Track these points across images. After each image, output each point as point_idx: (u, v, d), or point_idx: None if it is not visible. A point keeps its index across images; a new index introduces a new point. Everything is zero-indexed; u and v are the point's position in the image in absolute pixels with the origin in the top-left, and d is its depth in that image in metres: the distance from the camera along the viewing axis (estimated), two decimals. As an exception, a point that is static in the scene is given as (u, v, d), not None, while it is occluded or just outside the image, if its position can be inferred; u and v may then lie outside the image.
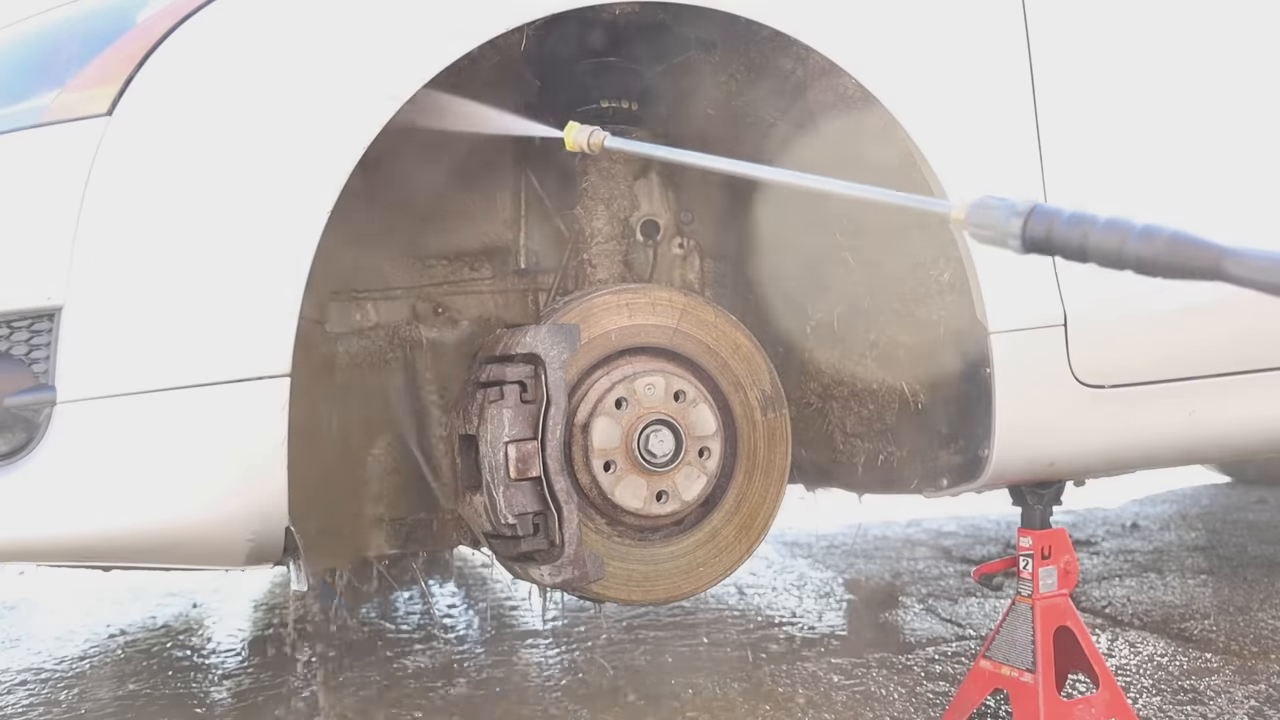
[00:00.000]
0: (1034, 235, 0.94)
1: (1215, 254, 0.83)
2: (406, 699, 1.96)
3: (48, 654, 2.40)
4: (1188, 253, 0.85)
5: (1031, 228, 0.94)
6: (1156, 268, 0.87)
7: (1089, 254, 0.91)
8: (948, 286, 1.63)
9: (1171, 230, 0.86)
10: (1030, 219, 0.94)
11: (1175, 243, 0.86)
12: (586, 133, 1.43)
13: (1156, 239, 0.86)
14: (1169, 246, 0.86)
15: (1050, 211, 0.93)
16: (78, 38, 1.35)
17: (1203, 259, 0.84)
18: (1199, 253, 0.84)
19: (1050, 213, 0.93)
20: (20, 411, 1.23)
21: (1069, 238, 0.92)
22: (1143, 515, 3.78)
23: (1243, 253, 0.82)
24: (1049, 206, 0.94)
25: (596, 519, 1.58)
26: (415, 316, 1.77)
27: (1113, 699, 1.64)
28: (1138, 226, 0.88)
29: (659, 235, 1.92)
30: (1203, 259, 0.84)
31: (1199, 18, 1.73)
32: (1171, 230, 0.86)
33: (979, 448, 1.62)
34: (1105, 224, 0.90)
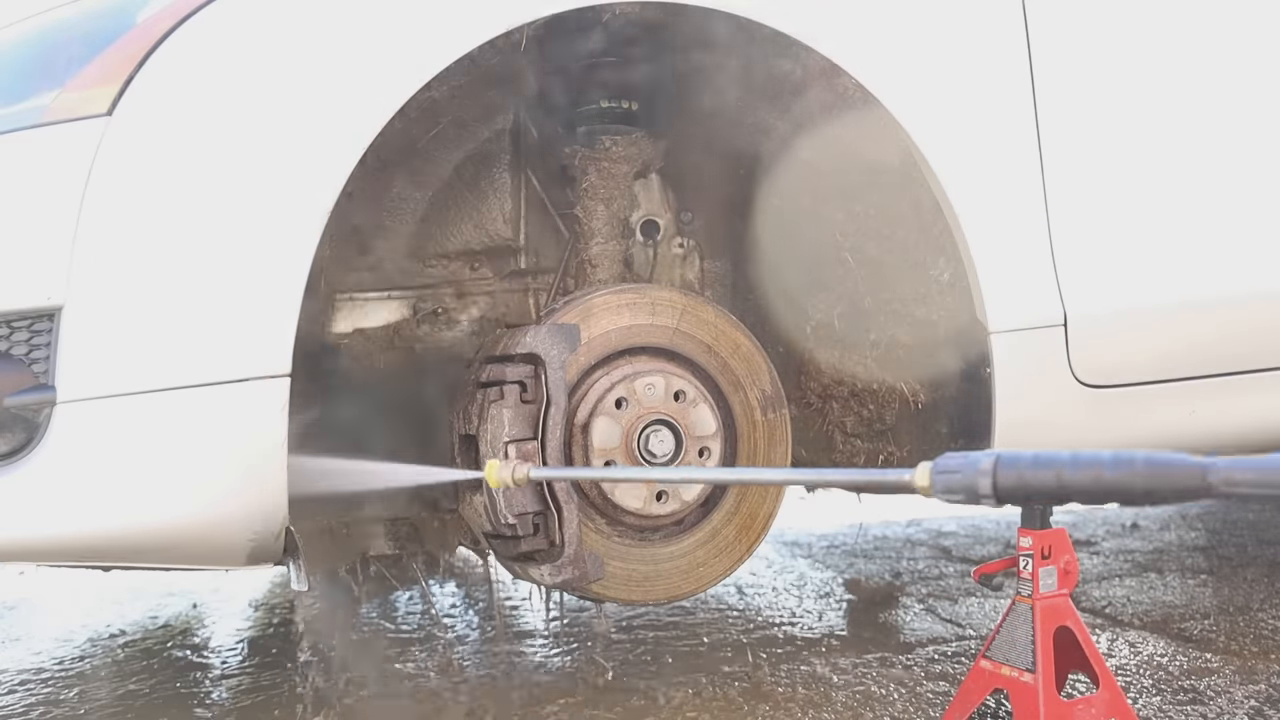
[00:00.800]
0: (1006, 486, 0.90)
1: (1199, 472, 0.80)
2: (406, 699, 1.95)
3: (48, 654, 2.39)
4: (1170, 476, 0.82)
5: (1002, 479, 0.90)
6: (1143, 496, 0.83)
7: (1070, 493, 0.87)
8: (948, 286, 1.63)
9: (1144, 456, 0.83)
10: (998, 471, 0.90)
11: (1152, 467, 0.82)
12: (509, 468, 1.34)
13: (1131, 466, 0.83)
14: (1148, 472, 0.82)
15: (1013, 458, 0.89)
16: (78, 38, 1.35)
17: (1188, 479, 0.81)
18: (1182, 474, 0.81)
19: (1014, 459, 0.89)
20: (20, 411, 1.23)
21: (1043, 481, 0.88)
22: (1143, 515, 3.78)
23: (1226, 466, 0.78)
24: (1010, 454, 0.90)
25: (596, 519, 1.58)
26: (415, 316, 1.77)
27: (1113, 699, 1.64)
28: (1106, 457, 0.84)
29: (659, 235, 1.92)
30: (1188, 479, 0.81)
31: (1199, 17, 1.73)
32: (1144, 456, 0.83)
33: (979, 447, 1.62)
34: (1071, 460, 0.86)
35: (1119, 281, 1.65)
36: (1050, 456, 0.87)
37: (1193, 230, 1.68)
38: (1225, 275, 1.70)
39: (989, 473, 0.90)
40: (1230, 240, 1.70)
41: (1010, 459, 0.89)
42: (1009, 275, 1.57)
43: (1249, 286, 1.71)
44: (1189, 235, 1.67)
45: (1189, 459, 0.80)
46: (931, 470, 0.93)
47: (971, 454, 0.92)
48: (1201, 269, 1.69)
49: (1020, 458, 0.89)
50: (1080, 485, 0.85)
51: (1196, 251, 1.68)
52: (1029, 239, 1.59)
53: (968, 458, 0.92)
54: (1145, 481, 0.82)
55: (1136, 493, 0.83)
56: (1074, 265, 1.60)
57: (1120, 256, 1.64)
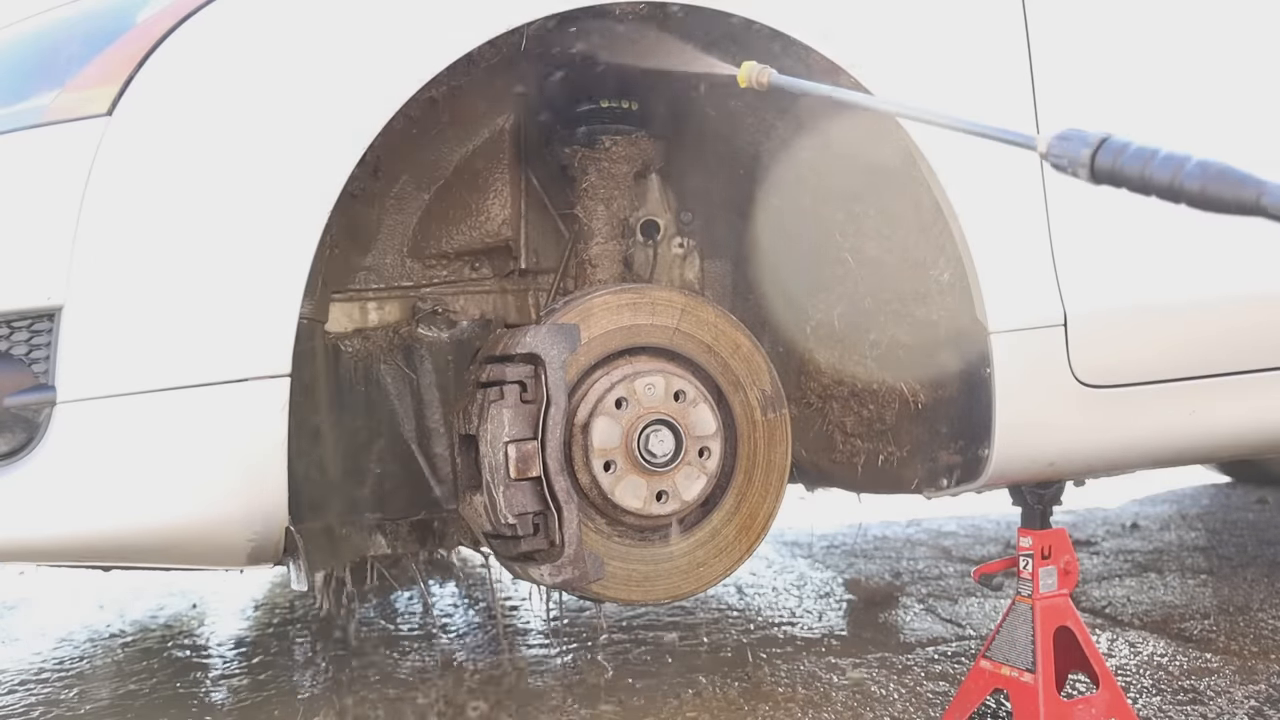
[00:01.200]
0: (1102, 166, 0.99)
1: (1256, 190, 0.88)
2: (406, 699, 1.96)
3: (48, 654, 2.40)
4: (1231, 187, 0.90)
5: (1100, 159, 0.99)
6: (1205, 201, 0.91)
7: (1149, 186, 0.96)
8: (948, 286, 1.63)
9: (1220, 165, 0.91)
10: (1100, 150, 1.00)
11: (1222, 176, 0.90)
12: (757, 70, 1.42)
13: (1205, 173, 0.92)
14: (1215, 180, 0.91)
15: (1119, 145, 0.99)
16: (78, 38, 1.35)
17: (1244, 194, 0.89)
18: (1241, 188, 0.89)
19: (1118, 146, 0.99)
20: (20, 411, 1.23)
21: (1131, 170, 0.97)
22: (1143, 515, 3.78)
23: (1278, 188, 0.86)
24: (1119, 140, 0.99)
25: (596, 519, 1.58)
26: (415, 316, 1.77)
27: (1113, 699, 1.64)
28: (1191, 160, 0.93)
29: (659, 235, 1.92)
30: (1244, 194, 0.89)
31: (1199, 15, 1.73)
32: (1220, 165, 0.91)
33: (979, 448, 1.62)
34: (1163, 158, 0.95)
35: (1119, 281, 1.64)
36: (1146, 149, 0.97)
37: (1193, 230, 1.68)
38: (1226, 275, 1.70)
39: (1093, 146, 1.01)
40: (1231, 240, 1.70)
41: (1116, 144, 1.00)
42: (1009, 275, 1.57)
43: (1249, 287, 1.71)
44: (1189, 235, 1.67)
45: (1256, 177, 0.89)
46: (1052, 137, 1.04)
47: (1086, 132, 1.02)
48: (1202, 269, 1.69)
49: (1126, 145, 0.99)
50: (1159, 181, 0.95)
51: (1197, 251, 1.68)
52: (1029, 239, 1.59)
53: (1083, 132, 1.02)
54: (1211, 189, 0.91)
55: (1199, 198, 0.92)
56: (1074, 265, 1.60)
57: (1120, 256, 1.64)
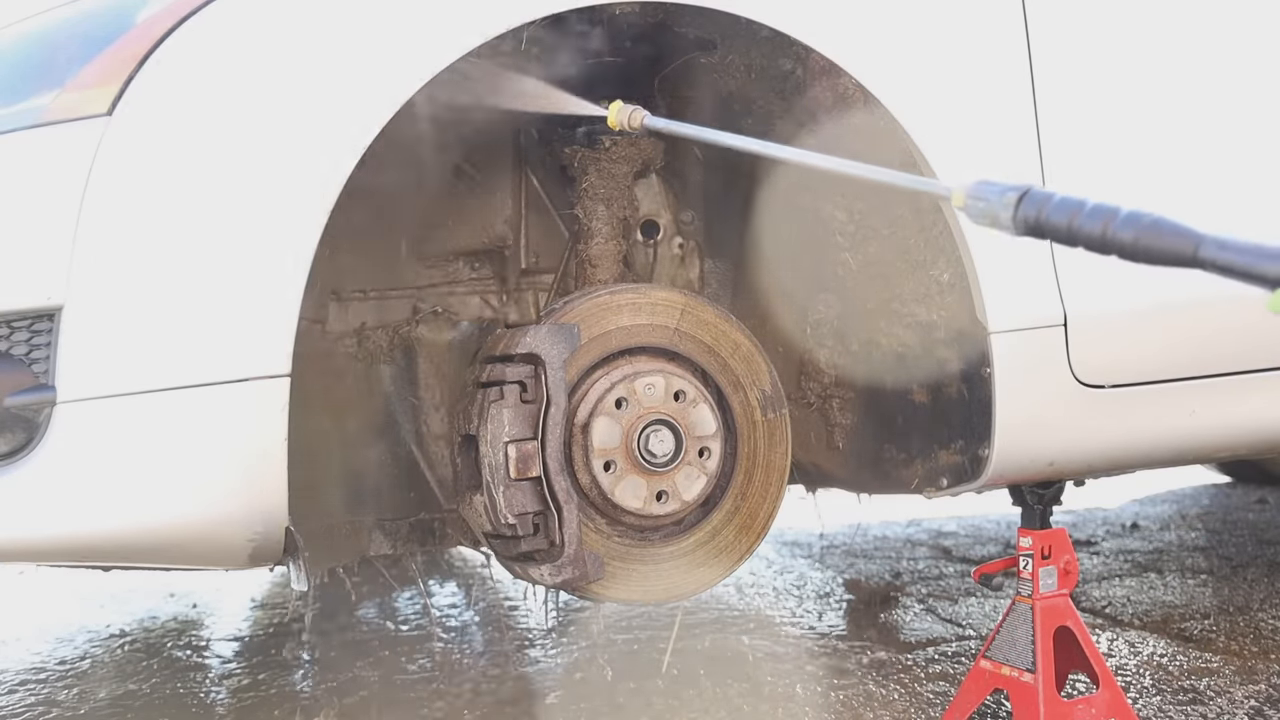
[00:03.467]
0: (1025, 218, 0.95)
1: (1193, 241, 0.84)
2: (406, 699, 1.96)
3: (48, 654, 2.40)
4: (1166, 239, 0.86)
5: (1024, 210, 0.95)
6: (1137, 253, 0.88)
7: (1076, 238, 0.92)
8: (948, 286, 1.63)
9: (1153, 217, 0.87)
10: (1023, 202, 0.95)
11: (1155, 228, 0.87)
12: (628, 111, 1.43)
13: (1137, 225, 0.87)
14: (1148, 233, 0.87)
15: (1042, 196, 0.95)
16: (78, 38, 1.35)
17: (1181, 246, 0.85)
18: (1177, 240, 0.85)
19: (1042, 197, 0.95)
20: (20, 411, 1.23)
21: (1057, 222, 0.93)
22: (1143, 515, 3.78)
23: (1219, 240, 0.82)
24: (1041, 191, 0.95)
25: (596, 519, 1.58)
26: (415, 316, 1.77)
27: (1113, 699, 1.64)
28: (1121, 212, 0.89)
29: (659, 235, 1.92)
30: (1181, 246, 0.85)
31: (1199, 16, 1.73)
32: (1153, 217, 0.87)
33: (979, 448, 1.62)
34: (1091, 209, 0.91)
35: (1119, 281, 1.64)
36: (1072, 200, 0.93)
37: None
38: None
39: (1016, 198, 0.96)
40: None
41: (1039, 195, 0.95)
42: (1009, 275, 1.57)
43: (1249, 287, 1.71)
44: (1189, 235, 1.67)
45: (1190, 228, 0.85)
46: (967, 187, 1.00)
47: (1005, 184, 0.98)
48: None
49: (1049, 196, 0.94)
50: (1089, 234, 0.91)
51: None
52: (1028, 239, 1.58)
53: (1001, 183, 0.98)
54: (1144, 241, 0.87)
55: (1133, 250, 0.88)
56: (1074, 265, 1.60)
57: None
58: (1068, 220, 0.92)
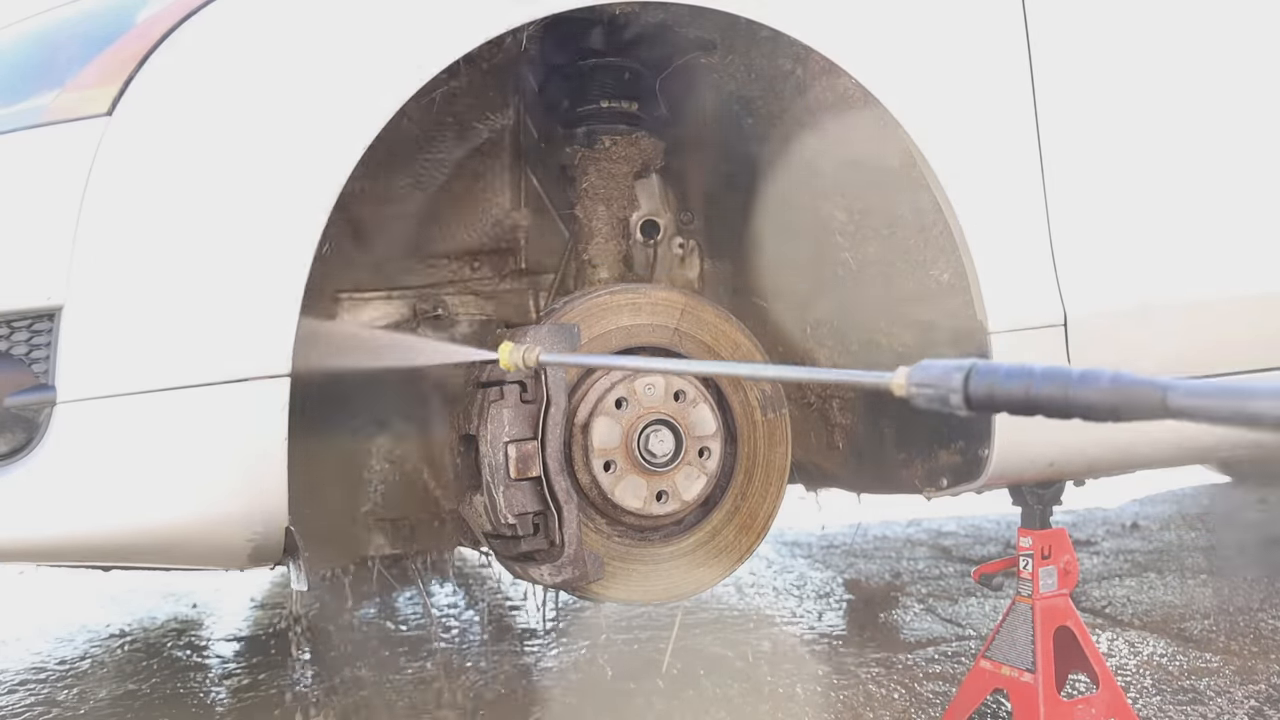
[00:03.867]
0: (976, 393, 0.91)
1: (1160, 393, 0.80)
2: (405, 699, 1.96)
3: (48, 654, 2.40)
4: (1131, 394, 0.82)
5: (973, 386, 0.91)
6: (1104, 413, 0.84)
7: (1036, 406, 0.88)
8: (948, 286, 1.63)
9: (1109, 375, 0.84)
10: (970, 378, 0.91)
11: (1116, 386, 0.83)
12: (520, 351, 1.38)
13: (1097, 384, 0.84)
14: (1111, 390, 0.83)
15: (989, 369, 0.91)
16: (78, 38, 1.35)
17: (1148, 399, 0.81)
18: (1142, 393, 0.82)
19: (989, 370, 0.91)
20: (20, 411, 1.23)
21: (1012, 392, 0.89)
22: (1143, 515, 3.78)
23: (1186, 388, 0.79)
24: (987, 364, 0.91)
25: (596, 519, 1.58)
26: (415, 316, 1.77)
27: (1113, 699, 1.64)
28: (1074, 374, 0.85)
29: (659, 235, 1.92)
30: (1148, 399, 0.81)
31: (1199, 17, 1.73)
32: (1109, 375, 0.84)
33: (979, 448, 1.62)
34: (1043, 374, 0.87)
35: (1119, 282, 1.64)
36: (1022, 369, 0.89)
37: (1193, 230, 1.68)
38: (1226, 276, 1.70)
39: (960, 384, 0.92)
40: (1231, 241, 1.70)
41: (985, 369, 0.91)
42: (1009, 275, 1.57)
43: (1249, 287, 1.71)
44: (1190, 235, 1.67)
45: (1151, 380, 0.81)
46: (910, 371, 0.96)
47: (949, 362, 0.94)
48: (1202, 269, 1.69)
49: (995, 369, 0.90)
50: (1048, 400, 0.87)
51: (1197, 252, 1.68)
52: (1029, 239, 1.59)
53: (945, 362, 0.94)
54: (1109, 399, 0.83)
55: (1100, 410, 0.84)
56: (1074, 265, 1.60)
57: (1120, 257, 1.64)
58: (1023, 389, 0.88)
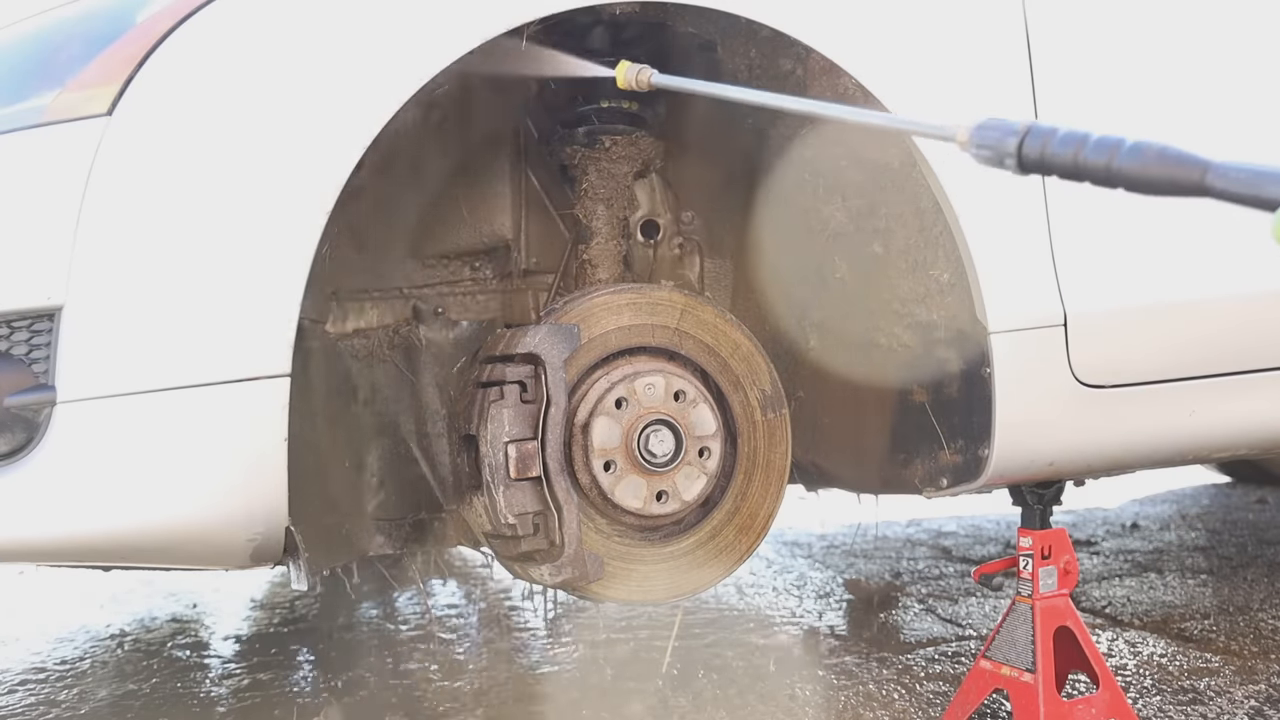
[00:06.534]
0: (1029, 155, 0.95)
1: (1200, 169, 0.83)
2: (406, 699, 1.96)
3: (48, 654, 2.40)
4: (1173, 168, 0.85)
5: (1027, 147, 0.95)
6: (1144, 184, 0.87)
7: (1081, 171, 0.91)
8: (948, 286, 1.63)
9: (1159, 146, 0.86)
10: (1026, 138, 0.95)
11: (1162, 158, 0.86)
12: (635, 71, 1.45)
13: (1144, 154, 0.87)
14: (1155, 162, 0.86)
15: (1045, 130, 0.94)
16: (78, 38, 1.35)
17: (1188, 174, 0.84)
18: (1184, 168, 0.84)
19: (1045, 132, 0.94)
20: (20, 411, 1.23)
21: (1062, 156, 0.92)
22: (1143, 515, 3.78)
23: (1226, 166, 0.81)
24: (1045, 125, 0.95)
25: (596, 519, 1.58)
26: (415, 316, 1.77)
27: (1113, 699, 1.64)
28: (1127, 143, 0.88)
29: (659, 235, 1.92)
30: (1188, 174, 0.84)
31: (1198, 18, 1.73)
32: (1159, 146, 0.86)
33: (979, 448, 1.62)
34: (1096, 142, 0.90)
35: (1119, 281, 1.64)
36: (1076, 133, 0.92)
37: (1194, 230, 1.68)
38: (1226, 275, 1.70)
39: (1019, 135, 0.95)
40: (1231, 240, 1.70)
41: (1042, 129, 0.94)
42: (1009, 275, 1.57)
43: (1250, 286, 1.71)
44: (1190, 235, 1.67)
45: (1198, 156, 0.83)
46: (972, 127, 0.99)
47: (1009, 122, 0.97)
48: (1202, 268, 1.69)
49: (1052, 131, 0.93)
50: (1094, 166, 0.90)
51: (1197, 251, 1.68)
52: (1029, 239, 1.59)
53: (1005, 120, 0.97)
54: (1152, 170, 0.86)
55: (1140, 181, 0.87)
56: (1074, 265, 1.60)
57: (1120, 256, 1.64)
58: (1072, 155, 0.91)
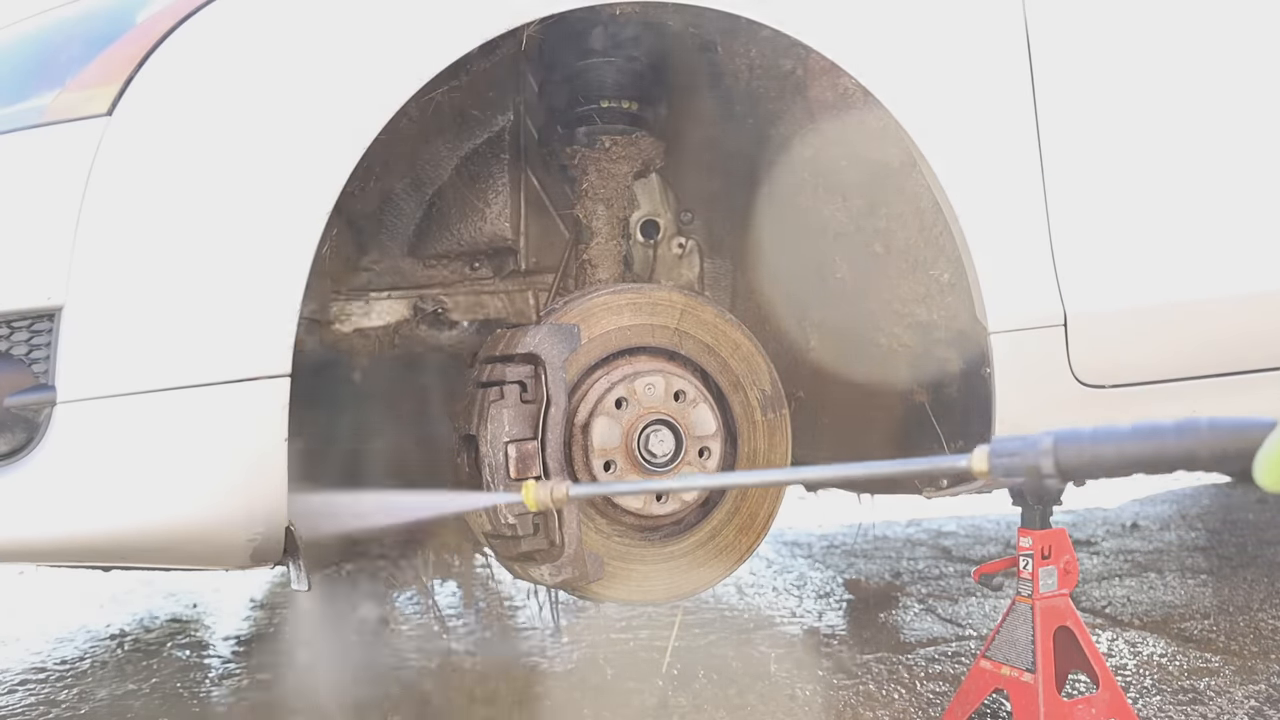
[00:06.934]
0: (1067, 464, 0.88)
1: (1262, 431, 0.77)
2: (406, 699, 1.96)
3: (48, 654, 2.39)
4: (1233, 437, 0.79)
5: (1062, 457, 0.88)
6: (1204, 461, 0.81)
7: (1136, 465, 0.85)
8: (948, 286, 1.63)
9: (1206, 421, 0.81)
10: (1058, 450, 0.88)
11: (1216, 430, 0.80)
12: (548, 488, 1.30)
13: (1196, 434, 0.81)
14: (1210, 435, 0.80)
15: (1073, 435, 0.88)
16: (78, 38, 1.35)
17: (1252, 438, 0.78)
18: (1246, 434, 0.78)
19: (1074, 436, 0.88)
20: (20, 411, 1.23)
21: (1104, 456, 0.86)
22: (1143, 515, 3.78)
23: None
24: (1069, 431, 0.88)
25: (596, 519, 1.58)
26: (415, 316, 1.77)
27: (1113, 699, 1.64)
28: (1169, 426, 0.82)
29: (659, 235, 1.92)
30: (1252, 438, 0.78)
31: (1199, 20, 1.73)
32: (1206, 421, 0.81)
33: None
34: (1132, 432, 0.84)
35: (1119, 281, 1.65)
36: (1109, 431, 0.86)
37: (1193, 230, 1.68)
38: (1226, 275, 1.70)
39: (1050, 450, 0.89)
40: (1231, 240, 1.70)
41: (1069, 435, 0.88)
42: (1009, 275, 1.57)
43: (1249, 286, 1.71)
44: (1189, 235, 1.67)
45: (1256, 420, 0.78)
46: (988, 453, 0.92)
47: (1029, 435, 0.91)
48: (1202, 269, 1.69)
49: (1079, 434, 0.87)
50: (1143, 456, 0.84)
51: (1197, 251, 1.68)
52: (1029, 239, 1.59)
53: (1023, 439, 0.91)
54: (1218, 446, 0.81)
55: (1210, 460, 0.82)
56: (1074, 265, 1.60)
57: (1120, 256, 1.64)
58: (1115, 451, 0.85)
